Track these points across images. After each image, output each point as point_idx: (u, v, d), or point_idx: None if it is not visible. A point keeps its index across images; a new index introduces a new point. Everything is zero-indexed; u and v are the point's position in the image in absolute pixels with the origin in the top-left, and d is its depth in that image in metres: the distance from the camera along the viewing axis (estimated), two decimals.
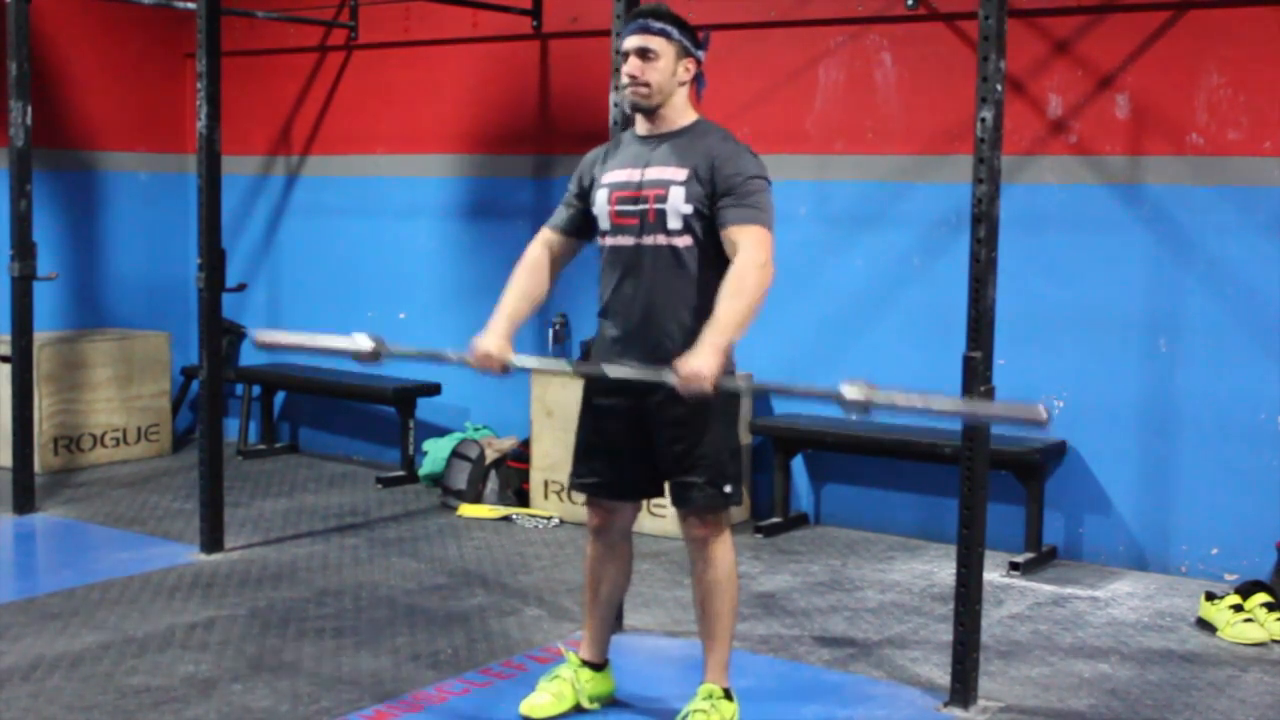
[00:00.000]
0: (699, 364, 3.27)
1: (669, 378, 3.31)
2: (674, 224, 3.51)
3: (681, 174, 3.51)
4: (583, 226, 3.76)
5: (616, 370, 3.49)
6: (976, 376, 3.81)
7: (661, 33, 3.53)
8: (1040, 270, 5.54)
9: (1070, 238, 5.52)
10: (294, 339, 4.38)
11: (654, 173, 3.55)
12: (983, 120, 3.78)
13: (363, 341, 3.81)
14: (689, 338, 3.48)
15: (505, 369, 3.62)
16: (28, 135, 5.93)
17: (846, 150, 6.00)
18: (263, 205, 7.88)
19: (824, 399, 3.31)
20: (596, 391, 3.71)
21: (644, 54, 3.53)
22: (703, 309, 3.51)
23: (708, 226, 3.51)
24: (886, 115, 5.90)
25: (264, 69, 7.75)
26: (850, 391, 3.16)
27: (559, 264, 3.83)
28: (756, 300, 3.37)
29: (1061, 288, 5.53)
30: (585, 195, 3.74)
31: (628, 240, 3.58)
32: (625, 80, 3.57)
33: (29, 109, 5.92)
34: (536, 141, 6.83)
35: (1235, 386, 5.20)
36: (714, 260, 3.54)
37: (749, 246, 3.41)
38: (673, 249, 3.53)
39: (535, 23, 6.70)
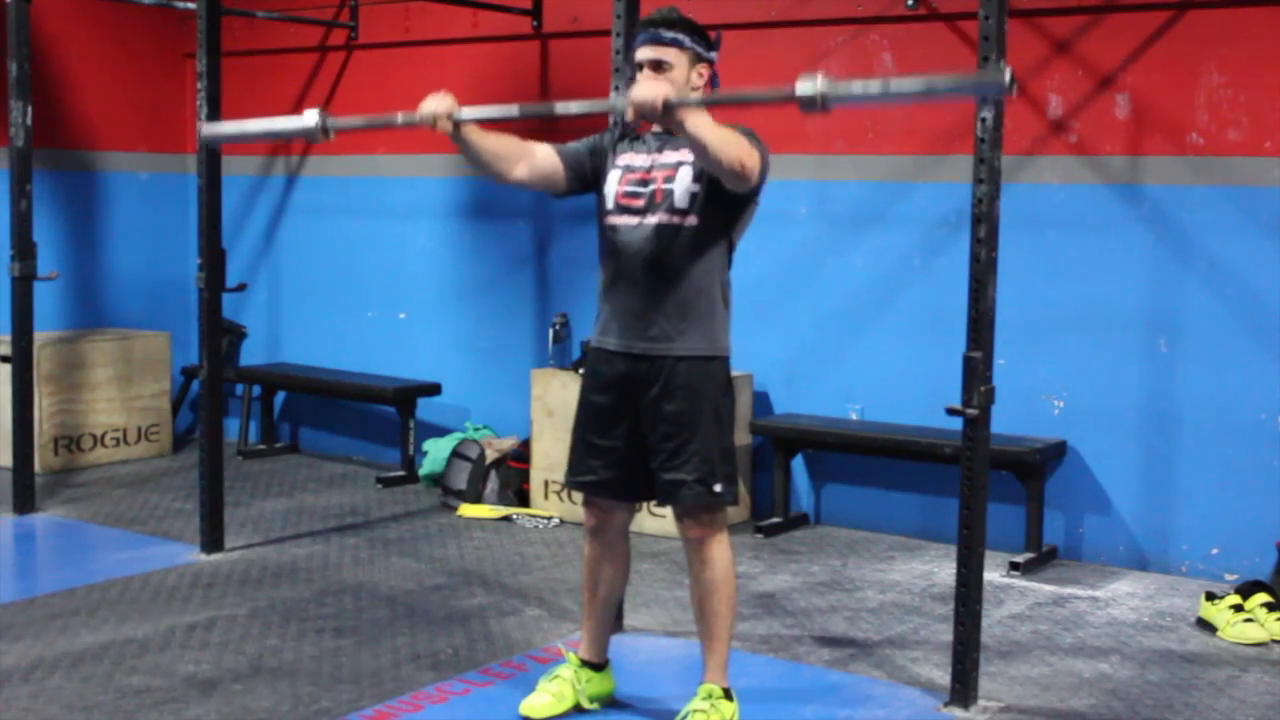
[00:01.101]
0: (650, 87, 3.27)
1: (617, 103, 3.36)
2: (681, 203, 3.53)
3: (690, 154, 3.53)
4: (570, 165, 3.69)
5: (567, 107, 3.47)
6: (976, 376, 3.81)
7: (674, 43, 3.53)
8: (1040, 270, 5.54)
9: (1070, 238, 5.52)
10: (240, 126, 4.30)
11: (665, 157, 3.59)
12: (983, 120, 3.78)
13: (309, 118, 3.74)
14: (685, 317, 3.54)
15: (451, 119, 3.55)
16: (28, 135, 5.93)
17: (846, 150, 6.00)
18: (263, 205, 7.88)
19: (778, 102, 3.14)
20: (592, 390, 3.72)
21: (657, 66, 3.54)
22: (700, 293, 3.54)
23: (713, 208, 3.52)
24: (886, 115, 5.89)
25: (264, 69, 7.75)
26: (804, 87, 3.02)
27: (531, 159, 3.67)
28: (733, 142, 3.30)
29: (1061, 288, 5.53)
30: (591, 154, 3.72)
31: (631, 220, 3.59)
32: None
33: (29, 109, 5.92)
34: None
35: (1235, 386, 5.20)
36: (715, 242, 3.57)
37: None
38: (676, 228, 3.54)
39: (535, 23, 6.71)
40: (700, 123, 3.26)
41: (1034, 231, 5.51)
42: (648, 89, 3.27)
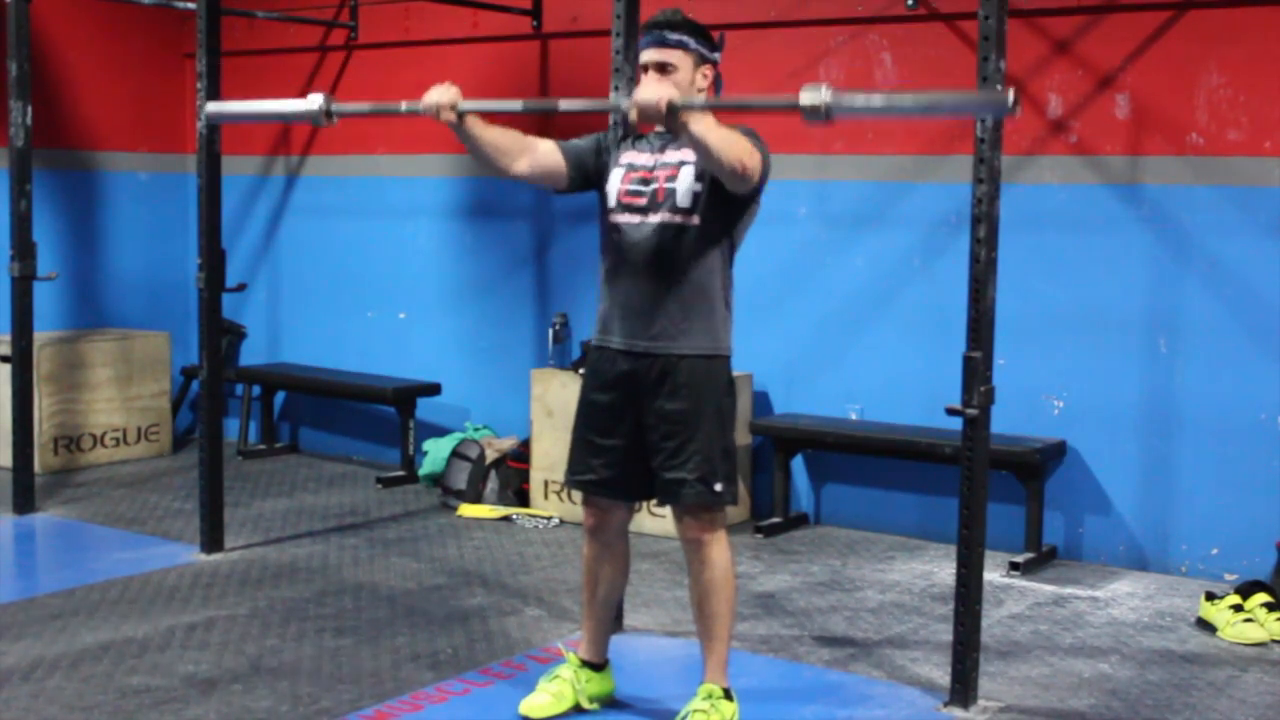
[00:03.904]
0: (654, 89, 3.28)
1: (624, 104, 3.36)
2: (683, 202, 3.53)
3: (692, 154, 3.53)
4: (573, 162, 3.69)
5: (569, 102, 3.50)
6: (976, 376, 3.81)
7: (679, 44, 3.54)
8: (1040, 270, 5.54)
9: (1070, 238, 5.52)
10: (245, 107, 4.31)
11: (668, 156, 3.60)
12: (983, 120, 3.78)
13: (314, 101, 3.82)
14: (688, 316, 3.55)
15: (454, 110, 3.57)
16: (28, 135, 5.93)
17: (846, 150, 6.00)
18: (263, 205, 7.88)
19: (782, 109, 3.15)
20: (594, 389, 3.72)
21: (662, 69, 3.54)
22: (702, 292, 3.55)
23: (715, 208, 3.53)
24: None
25: (264, 69, 7.75)
26: (809, 97, 3.03)
27: (532, 160, 3.67)
28: (734, 143, 3.32)
29: (1061, 288, 5.53)
30: (595, 152, 3.73)
31: (633, 218, 3.60)
32: None
33: (29, 109, 5.92)
34: None
35: (1235, 386, 5.20)
36: (717, 241, 3.57)
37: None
38: (678, 227, 3.54)
39: (535, 23, 6.71)
40: (702, 125, 3.26)
41: (1034, 231, 5.50)
42: (651, 91, 3.28)
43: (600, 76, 4.71)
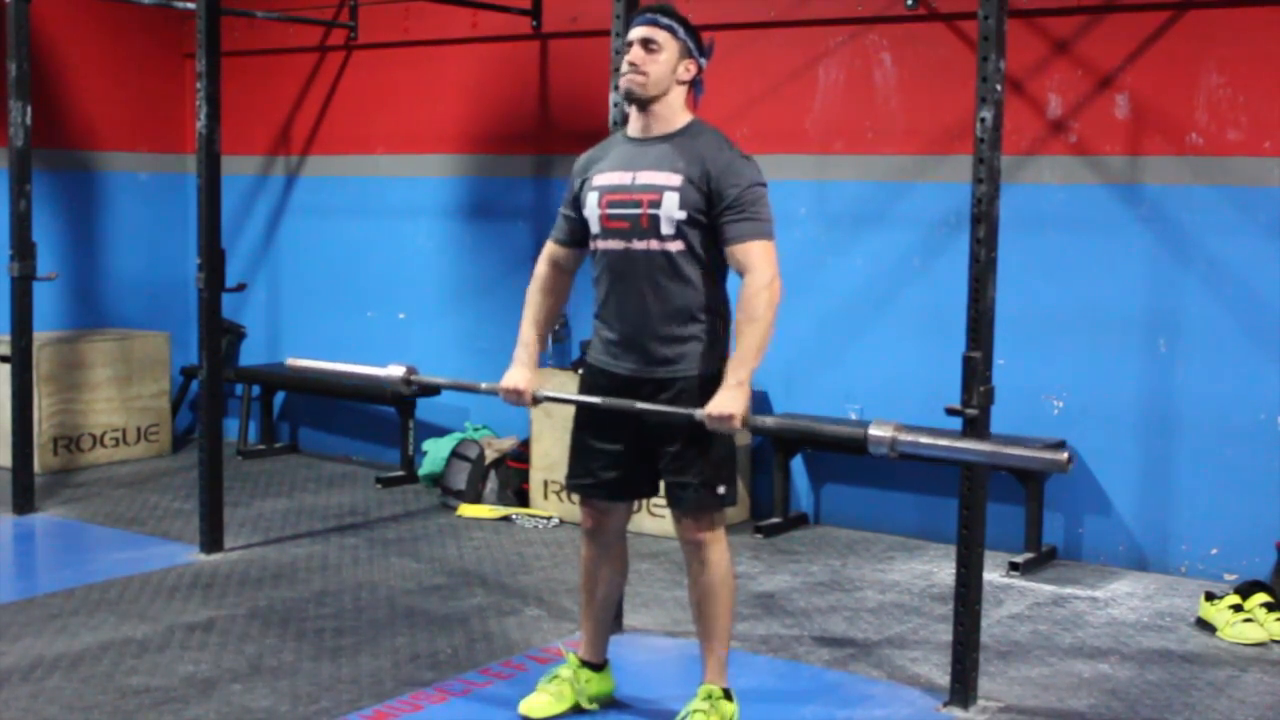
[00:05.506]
0: (727, 404, 3.40)
1: (698, 415, 3.42)
2: (666, 229, 3.51)
3: (675, 179, 3.51)
4: (583, 235, 3.75)
5: (645, 406, 3.52)
6: (976, 376, 3.81)
7: (668, 28, 3.56)
8: (1040, 270, 5.54)
9: (1070, 238, 5.52)
10: (326, 366, 4.46)
11: (646, 176, 3.55)
12: (983, 120, 3.78)
13: (395, 370, 3.99)
14: (682, 343, 3.55)
15: (535, 402, 3.73)
16: (28, 135, 5.93)
17: (846, 150, 6.00)
18: (263, 205, 7.88)
19: (850, 438, 3.35)
20: (591, 393, 3.71)
21: (647, 44, 3.55)
22: (694, 313, 3.55)
23: (700, 232, 3.52)
24: (886, 115, 5.90)
25: (264, 69, 7.75)
26: (878, 430, 3.24)
27: (569, 275, 3.86)
28: (770, 320, 3.44)
29: (1061, 288, 5.53)
30: (575, 203, 3.74)
31: (618, 244, 3.58)
32: (625, 68, 3.58)
33: (29, 109, 5.92)
34: (536, 141, 6.84)
35: (1235, 386, 5.20)
36: (705, 264, 3.56)
37: (755, 266, 3.45)
38: (665, 254, 3.53)
39: (535, 23, 6.71)
40: (756, 364, 3.43)
41: (1034, 231, 5.51)
42: (730, 405, 3.38)
43: (599, 77, 4.72)
